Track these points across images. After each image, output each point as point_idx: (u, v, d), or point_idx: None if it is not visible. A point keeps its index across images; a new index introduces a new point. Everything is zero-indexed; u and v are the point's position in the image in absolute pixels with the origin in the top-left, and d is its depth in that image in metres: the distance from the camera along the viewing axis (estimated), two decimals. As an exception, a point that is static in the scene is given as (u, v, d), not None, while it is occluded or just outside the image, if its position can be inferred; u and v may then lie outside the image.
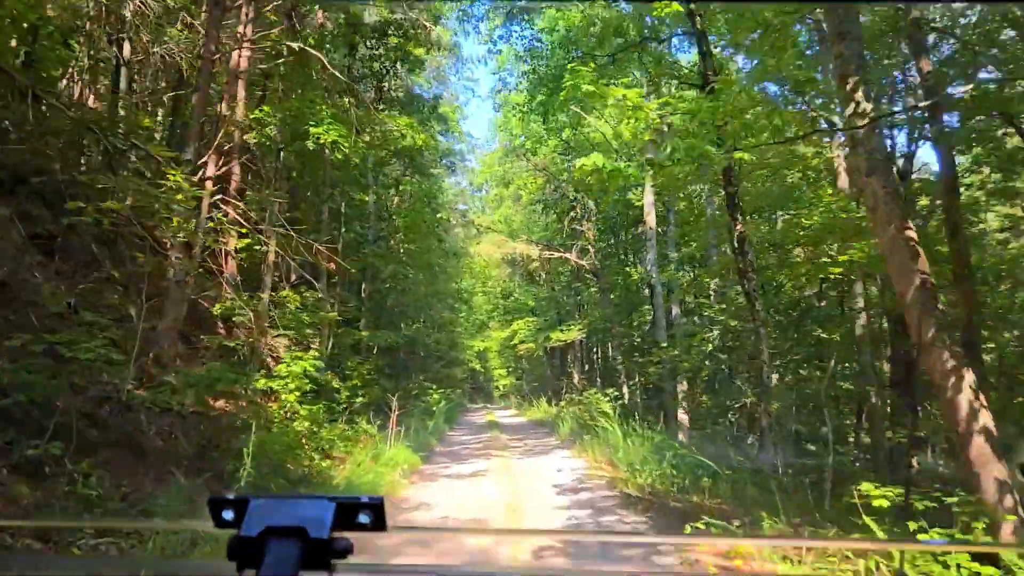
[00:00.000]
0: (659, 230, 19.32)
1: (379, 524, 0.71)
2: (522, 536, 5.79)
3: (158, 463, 5.75)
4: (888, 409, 13.15)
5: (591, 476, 9.09)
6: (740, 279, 10.93)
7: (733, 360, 16.50)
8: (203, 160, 8.00)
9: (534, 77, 14.45)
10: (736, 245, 10.86)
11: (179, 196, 5.88)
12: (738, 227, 10.80)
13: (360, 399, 11.65)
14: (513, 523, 6.21)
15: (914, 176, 12.36)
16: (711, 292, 20.47)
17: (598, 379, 26.08)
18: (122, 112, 10.38)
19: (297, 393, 7.54)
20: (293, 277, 10.85)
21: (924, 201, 12.09)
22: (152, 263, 7.38)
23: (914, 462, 14.57)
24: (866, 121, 4.69)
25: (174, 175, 5.89)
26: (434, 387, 15.71)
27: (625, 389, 22.15)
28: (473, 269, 25.39)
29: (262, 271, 10.98)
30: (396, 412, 10.42)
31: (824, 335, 13.67)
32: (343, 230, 13.68)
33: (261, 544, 0.67)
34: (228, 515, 0.70)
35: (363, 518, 0.70)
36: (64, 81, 10.48)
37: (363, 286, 17.43)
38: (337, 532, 0.69)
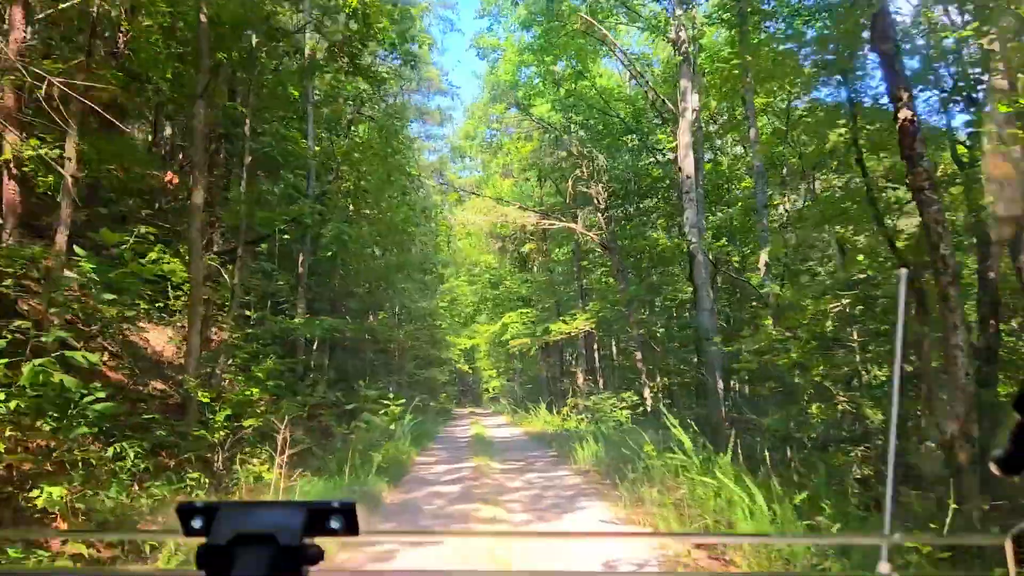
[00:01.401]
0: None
1: (351, 529, 0.65)
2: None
3: None
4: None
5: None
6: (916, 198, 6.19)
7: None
8: None
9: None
10: (905, 148, 6.19)
11: None
12: (903, 111, 6.15)
13: (252, 421, 6.85)
14: None
15: None
16: (761, 266, 15.91)
17: (600, 380, 21.49)
18: None
19: None
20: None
21: None
22: None
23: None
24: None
25: None
26: (391, 397, 10.71)
27: (647, 393, 17.62)
28: (451, 239, 20.45)
29: (60, 194, 6.18)
30: (285, 451, 5.59)
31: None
32: (245, 160, 8.85)
33: (230, 552, 0.62)
34: (197, 523, 0.65)
35: (334, 523, 0.65)
36: None
37: (300, 258, 12.58)
38: (308, 538, 0.64)
